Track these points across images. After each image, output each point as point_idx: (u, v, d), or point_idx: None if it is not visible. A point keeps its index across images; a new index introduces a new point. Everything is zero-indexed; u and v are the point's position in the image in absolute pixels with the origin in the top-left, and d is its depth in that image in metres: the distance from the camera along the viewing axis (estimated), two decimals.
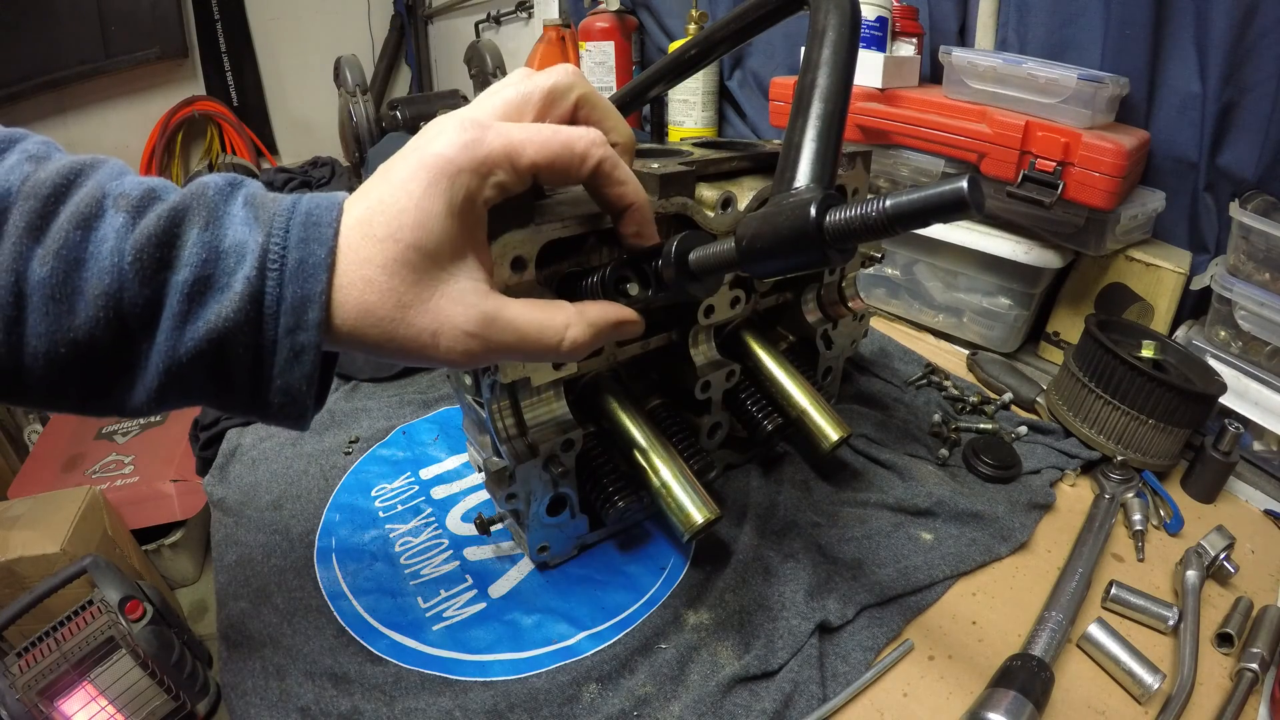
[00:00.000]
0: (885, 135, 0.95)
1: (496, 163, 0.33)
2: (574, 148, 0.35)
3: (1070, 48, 0.93)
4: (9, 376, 0.30)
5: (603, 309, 0.38)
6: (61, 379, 0.30)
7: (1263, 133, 0.80)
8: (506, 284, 0.45)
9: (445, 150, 0.32)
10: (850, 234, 0.29)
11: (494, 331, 0.34)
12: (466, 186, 0.33)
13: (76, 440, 2.16)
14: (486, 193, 0.34)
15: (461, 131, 0.33)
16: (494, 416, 0.53)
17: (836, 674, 0.52)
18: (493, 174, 0.34)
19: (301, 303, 0.31)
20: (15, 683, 1.27)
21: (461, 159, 0.33)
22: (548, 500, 0.55)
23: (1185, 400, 0.67)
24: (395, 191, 0.32)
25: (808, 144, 0.34)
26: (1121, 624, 0.56)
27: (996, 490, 0.69)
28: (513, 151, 0.34)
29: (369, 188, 0.33)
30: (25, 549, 1.54)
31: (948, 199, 0.26)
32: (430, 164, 0.32)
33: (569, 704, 0.49)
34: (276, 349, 0.31)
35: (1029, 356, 0.98)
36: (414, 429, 0.78)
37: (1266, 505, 0.72)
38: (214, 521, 0.70)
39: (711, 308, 0.59)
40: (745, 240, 0.33)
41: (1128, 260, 0.89)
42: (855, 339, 0.73)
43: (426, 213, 0.32)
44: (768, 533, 0.62)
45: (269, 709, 0.50)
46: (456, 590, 0.58)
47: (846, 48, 0.37)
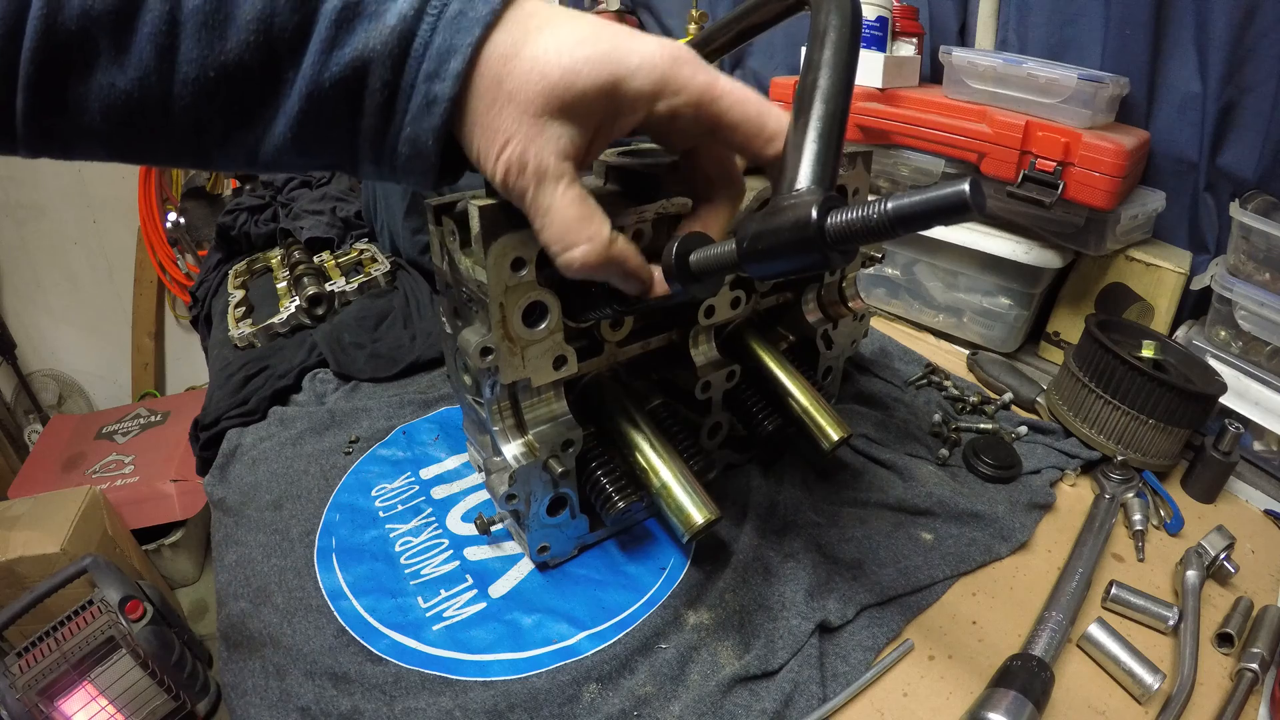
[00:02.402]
0: (885, 135, 0.95)
1: (684, 89, 0.34)
2: (765, 122, 0.36)
3: (1070, 48, 0.93)
4: (156, 106, 0.31)
5: (630, 250, 0.38)
6: (209, 106, 0.31)
7: (1263, 133, 0.80)
8: (506, 284, 0.45)
9: (647, 48, 0.34)
10: (851, 236, 0.29)
11: (539, 189, 0.34)
12: (638, 88, 0.34)
13: (76, 440, 2.16)
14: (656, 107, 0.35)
15: (675, 48, 0.34)
16: (494, 416, 0.53)
17: (836, 674, 0.52)
18: (673, 96, 0.34)
19: (447, 51, 0.31)
20: (15, 683, 1.27)
21: (660, 61, 0.34)
22: (548, 500, 0.55)
23: (1185, 400, 0.67)
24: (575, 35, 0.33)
25: (809, 145, 0.34)
26: (1122, 624, 0.56)
27: (996, 490, 0.69)
28: (709, 93, 0.35)
29: (552, 16, 0.34)
30: (25, 549, 1.54)
31: (949, 201, 0.26)
32: (622, 46, 0.33)
33: (569, 704, 0.49)
34: (413, 93, 0.32)
35: (1029, 356, 0.98)
36: (414, 429, 0.78)
37: (1266, 505, 0.72)
38: (214, 521, 0.70)
39: (712, 308, 0.59)
40: (746, 242, 0.33)
41: (1128, 260, 0.89)
42: (855, 339, 0.73)
43: (585, 75, 0.32)
44: (768, 533, 0.62)
45: (269, 709, 0.50)
46: (457, 590, 0.58)
47: (848, 49, 0.37)
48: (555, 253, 0.36)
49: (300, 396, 0.85)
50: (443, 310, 0.55)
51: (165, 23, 0.29)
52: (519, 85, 0.32)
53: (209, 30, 0.30)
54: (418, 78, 0.32)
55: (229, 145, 0.33)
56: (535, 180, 0.34)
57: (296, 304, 0.97)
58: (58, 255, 2.44)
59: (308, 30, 0.31)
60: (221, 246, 1.31)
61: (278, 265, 1.15)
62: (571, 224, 0.35)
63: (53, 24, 0.28)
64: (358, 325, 0.95)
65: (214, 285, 1.19)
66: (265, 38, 0.30)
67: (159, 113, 0.31)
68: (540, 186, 0.34)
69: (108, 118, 0.31)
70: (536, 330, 0.48)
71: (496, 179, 0.34)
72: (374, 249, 1.15)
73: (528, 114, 0.32)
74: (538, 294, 0.46)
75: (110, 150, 0.33)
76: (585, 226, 0.35)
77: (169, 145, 0.33)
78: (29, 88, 0.29)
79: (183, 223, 2.40)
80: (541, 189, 0.34)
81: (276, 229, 1.24)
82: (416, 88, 0.32)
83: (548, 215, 0.35)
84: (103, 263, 2.50)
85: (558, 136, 0.33)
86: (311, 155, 0.34)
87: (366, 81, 0.32)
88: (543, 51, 0.32)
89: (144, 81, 0.30)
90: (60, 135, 0.32)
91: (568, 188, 0.35)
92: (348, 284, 1.03)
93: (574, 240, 0.35)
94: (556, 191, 0.34)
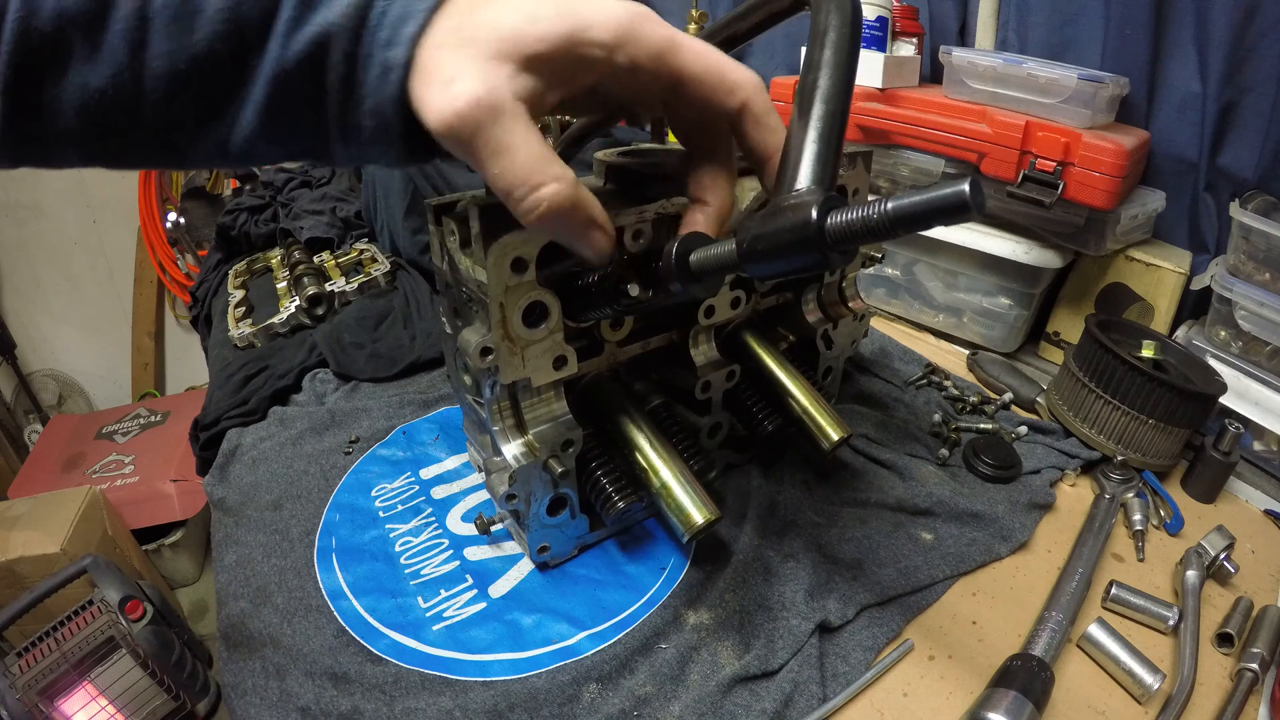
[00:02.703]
0: (885, 135, 0.95)
1: (644, 41, 0.34)
2: (725, 73, 0.36)
3: (1070, 48, 0.93)
4: (129, 102, 0.31)
5: (593, 201, 0.36)
6: (180, 99, 0.31)
7: (1263, 133, 0.80)
8: (506, 284, 0.45)
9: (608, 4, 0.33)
10: (851, 236, 0.29)
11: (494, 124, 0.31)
12: (597, 38, 0.33)
13: (76, 440, 2.16)
14: (616, 58, 0.33)
15: (635, 6, 0.34)
16: (494, 416, 0.53)
17: (836, 674, 0.52)
18: (633, 46, 0.33)
19: (402, 17, 0.31)
20: (15, 683, 1.27)
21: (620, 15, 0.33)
22: (548, 500, 0.55)
23: (1185, 400, 0.67)
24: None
25: (809, 145, 0.34)
26: (1122, 624, 0.56)
27: (996, 490, 0.69)
28: (669, 45, 0.34)
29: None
30: (25, 549, 1.54)
31: (949, 201, 0.26)
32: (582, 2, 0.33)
33: (569, 704, 0.49)
34: (369, 62, 0.32)
35: (1029, 356, 0.98)
36: (414, 429, 0.78)
37: (1266, 505, 0.72)
38: (214, 521, 0.70)
39: (712, 308, 0.59)
40: (746, 242, 0.33)
41: (1128, 260, 0.89)
42: (855, 339, 0.73)
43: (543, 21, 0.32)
44: (768, 533, 0.62)
45: (269, 709, 0.50)
46: (456, 590, 0.58)
47: (848, 49, 0.37)
48: (519, 195, 0.33)
49: (300, 396, 0.85)
50: (443, 310, 0.55)
51: (136, 18, 0.29)
52: (473, 34, 0.31)
53: (178, 23, 0.30)
54: (374, 46, 0.31)
55: (200, 139, 0.33)
56: (490, 115, 0.31)
57: (296, 304, 0.97)
58: (58, 255, 2.44)
59: (273, 13, 0.31)
60: (221, 246, 1.31)
61: (278, 265, 1.15)
62: (536, 160, 0.32)
63: (29, 27, 0.29)
64: (358, 325, 0.95)
65: (214, 285, 1.19)
66: (234, 26, 0.30)
67: (132, 109, 0.31)
68: (497, 122, 0.31)
69: (82, 118, 0.31)
70: (536, 330, 0.48)
71: (442, 117, 0.31)
72: (374, 249, 1.15)
73: (481, 55, 0.31)
74: (538, 294, 0.46)
75: (86, 153, 0.33)
76: (550, 164, 0.33)
77: (142, 143, 0.33)
78: (5, 92, 0.29)
79: (183, 223, 2.40)
80: (498, 125, 0.31)
81: (276, 229, 1.24)
82: (373, 57, 0.31)
83: (507, 153, 0.32)
84: (103, 263, 2.50)
85: (512, 77, 0.32)
86: (281, 142, 0.34)
87: (328, 57, 0.31)
88: (501, 6, 0.32)
89: (116, 79, 0.30)
90: (37, 140, 0.32)
91: (528, 126, 0.32)
92: (348, 284, 1.03)
93: (540, 180, 0.32)
94: (517, 128, 0.32)
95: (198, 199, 2.41)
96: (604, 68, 0.34)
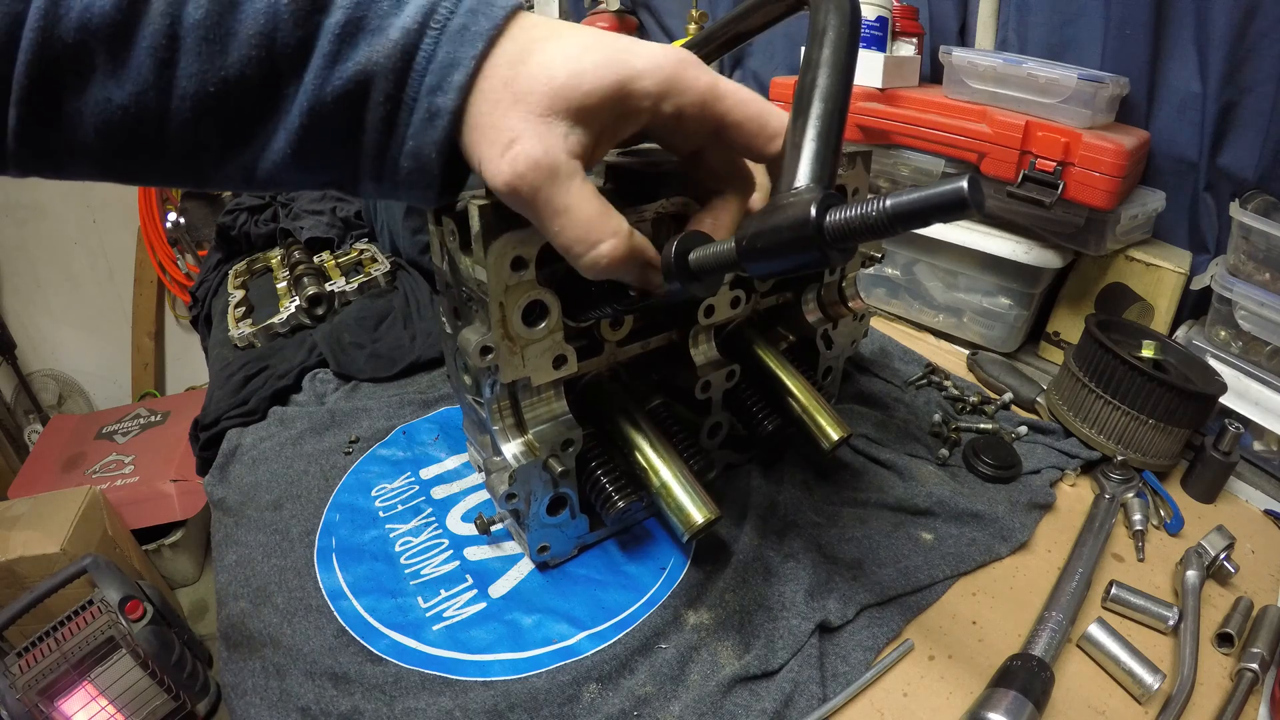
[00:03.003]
0: (885, 135, 0.95)
1: (689, 90, 0.34)
2: (767, 121, 0.36)
3: (1070, 48, 0.93)
4: (153, 122, 0.30)
5: (646, 241, 0.37)
6: (207, 123, 0.31)
7: (1263, 133, 0.80)
8: (506, 283, 0.45)
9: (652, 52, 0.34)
10: (850, 234, 0.29)
11: (553, 187, 0.33)
12: (645, 89, 0.33)
13: (76, 440, 2.16)
14: (662, 107, 0.34)
15: (679, 53, 0.34)
16: (494, 416, 0.53)
17: (836, 674, 0.52)
18: (679, 97, 0.34)
19: (450, 64, 0.31)
20: (15, 683, 1.27)
21: (665, 64, 0.34)
22: (548, 500, 0.55)
23: (1185, 400, 0.67)
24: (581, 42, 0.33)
25: (808, 144, 0.34)
26: (1122, 624, 0.56)
27: (996, 490, 0.69)
28: (712, 93, 0.35)
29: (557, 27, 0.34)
30: (25, 549, 1.54)
31: (948, 198, 0.26)
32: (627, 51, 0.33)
33: (569, 704, 0.49)
34: (416, 106, 0.32)
35: (1029, 356, 0.98)
36: (414, 429, 0.78)
37: (1266, 505, 0.72)
38: (214, 521, 0.70)
39: (712, 307, 0.58)
40: (745, 240, 0.33)
41: (1128, 260, 0.89)
42: (855, 339, 0.73)
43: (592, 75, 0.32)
44: (768, 533, 0.62)
45: (269, 709, 0.50)
46: (456, 590, 0.58)
47: (846, 47, 0.37)
48: (579, 253, 0.35)
49: (300, 396, 0.85)
50: (443, 310, 0.55)
51: (165, 36, 0.29)
52: (525, 88, 0.32)
53: (209, 45, 0.29)
54: (420, 91, 0.31)
55: (226, 164, 0.33)
56: (548, 177, 0.32)
57: (296, 304, 0.97)
58: (58, 255, 2.44)
59: (310, 45, 0.30)
60: (221, 246, 1.31)
61: (278, 265, 1.15)
62: (594, 220, 0.34)
63: (49, 36, 0.28)
64: (358, 325, 0.95)
65: (214, 285, 1.19)
66: (267, 53, 0.30)
67: (155, 129, 0.30)
68: (554, 184, 0.33)
69: (102, 134, 0.30)
70: (536, 329, 0.48)
71: (503, 178, 0.33)
72: (374, 249, 1.15)
73: (534, 113, 0.32)
74: (537, 293, 0.46)
75: (103, 168, 0.33)
76: (607, 222, 0.34)
77: (164, 163, 0.32)
78: (22, 101, 0.29)
79: (183, 223, 2.40)
80: (556, 186, 0.33)
81: (276, 229, 1.24)
82: (419, 101, 0.31)
83: (567, 214, 0.33)
84: (103, 263, 2.51)
85: (566, 134, 0.33)
86: (311, 172, 0.34)
87: (369, 96, 0.31)
88: (549, 58, 0.32)
89: (141, 96, 0.29)
90: (53, 152, 0.31)
91: (583, 184, 0.34)
92: (348, 284, 1.03)
93: (599, 237, 0.34)
94: (572, 188, 0.33)
95: (198, 199, 2.41)
96: (650, 116, 0.35)
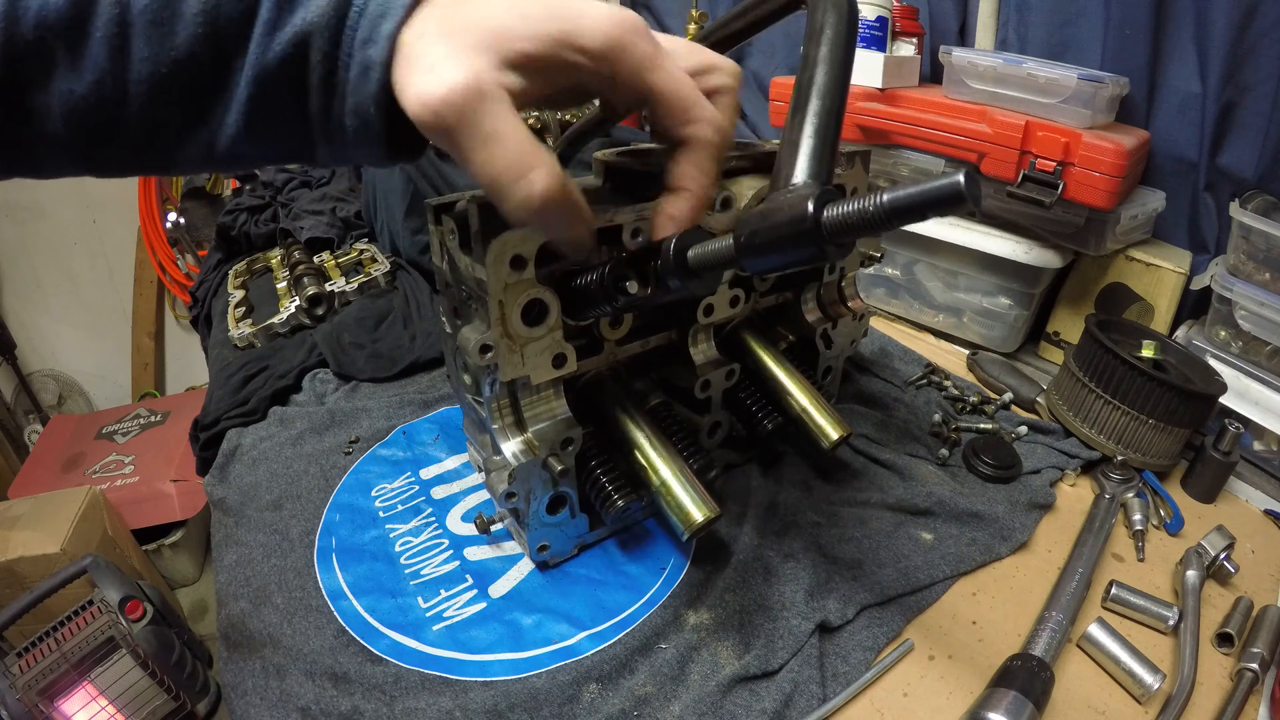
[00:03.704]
0: (885, 135, 0.95)
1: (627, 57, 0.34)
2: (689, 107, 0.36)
3: (1070, 48, 0.93)
4: (114, 108, 0.31)
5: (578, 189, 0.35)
6: (164, 103, 0.32)
7: (1263, 133, 0.80)
8: (505, 282, 0.45)
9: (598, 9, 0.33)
10: (848, 229, 0.29)
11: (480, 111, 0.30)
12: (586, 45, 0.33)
13: (76, 440, 2.16)
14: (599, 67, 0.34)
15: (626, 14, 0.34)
16: (494, 415, 0.53)
17: (836, 674, 0.52)
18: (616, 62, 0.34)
19: (381, 14, 0.31)
20: (15, 683, 1.27)
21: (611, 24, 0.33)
22: (547, 499, 0.55)
23: (1185, 400, 0.67)
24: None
25: (805, 140, 0.34)
26: (1122, 624, 0.56)
27: (996, 490, 0.69)
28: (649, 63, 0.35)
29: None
30: (25, 549, 1.54)
31: (945, 193, 0.26)
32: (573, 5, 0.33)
33: (569, 704, 0.49)
34: (350, 61, 0.31)
35: (1029, 356, 0.98)
36: (414, 429, 0.78)
37: (1266, 505, 0.72)
38: (214, 521, 0.70)
39: (711, 306, 0.58)
40: (743, 236, 0.33)
41: (1128, 260, 0.89)
42: (855, 339, 0.73)
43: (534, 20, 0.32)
44: (768, 532, 0.62)
45: (269, 709, 0.50)
46: (456, 590, 0.58)
47: (844, 45, 0.37)
48: (507, 182, 0.32)
49: (300, 396, 0.85)
50: (442, 309, 0.55)
51: (116, 24, 0.30)
52: (459, 25, 0.31)
53: (157, 27, 0.30)
54: (354, 45, 0.31)
55: (186, 144, 0.33)
56: (476, 100, 0.30)
57: (296, 304, 0.98)
58: (58, 255, 2.44)
59: (252, 16, 0.31)
60: (221, 246, 1.31)
61: (278, 265, 1.15)
62: (525, 146, 0.31)
63: (10, 36, 0.29)
64: (358, 325, 0.95)
65: (214, 285, 1.20)
66: (212, 29, 0.30)
67: (116, 115, 0.31)
68: (481, 107, 0.30)
69: (69, 124, 0.31)
70: (536, 328, 0.48)
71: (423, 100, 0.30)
72: (374, 249, 1.15)
73: (465, 46, 0.30)
74: (537, 292, 0.46)
75: (75, 159, 0.33)
76: (538, 150, 0.32)
77: (129, 150, 0.33)
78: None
79: (183, 223, 2.40)
80: (484, 110, 0.30)
81: (276, 229, 1.25)
82: (354, 56, 0.31)
83: (495, 140, 0.31)
84: (103, 263, 2.51)
85: (496, 67, 0.31)
86: (266, 144, 0.34)
87: (308, 57, 0.31)
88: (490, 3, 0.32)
89: (100, 85, 0.30)
90: (27, 148, 0.32)
91: (511, 112, 0.31)
92: (348, 284, 1.03)
93: (530, 163, 0.31)
94: (500, 114, 0.31)
95: (198, 199, 2.41)
96: (585, 73, 0.34)
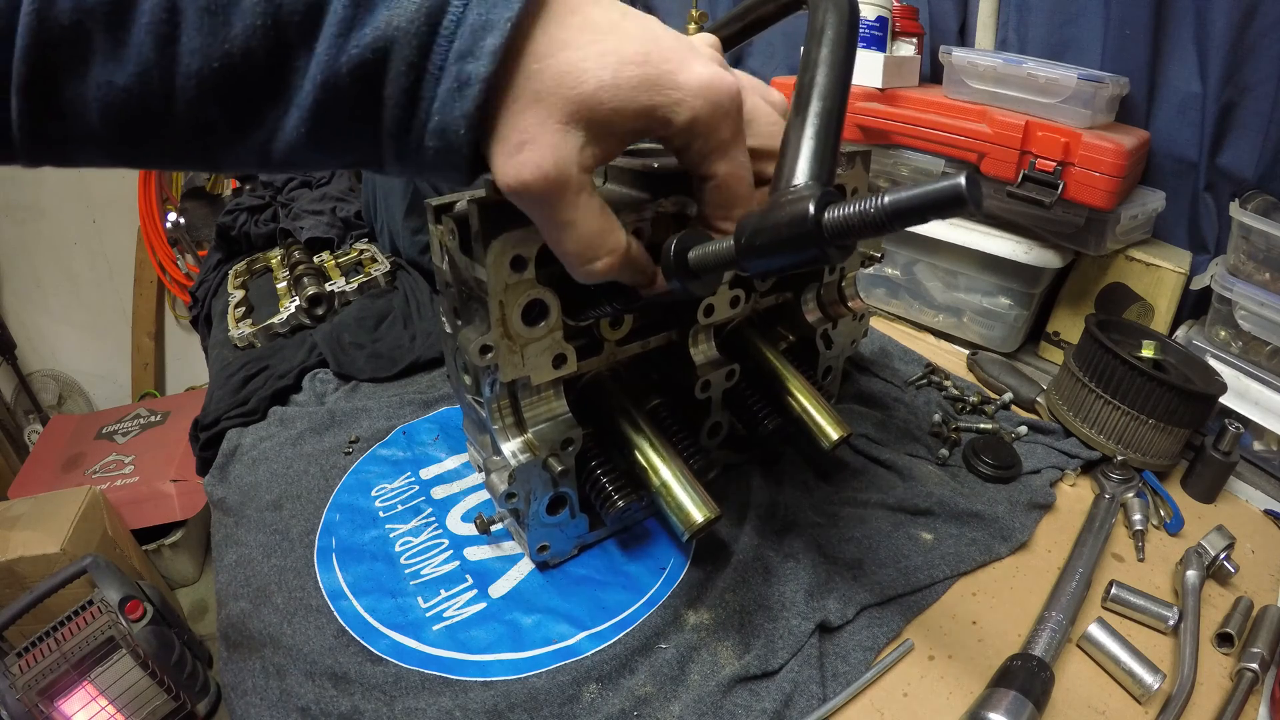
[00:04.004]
0: (885, 135, 0.95)
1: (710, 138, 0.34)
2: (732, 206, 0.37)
3: (1070, 48, 0.93)
4: (158, 103, 0.28)
5: (641, 250, 0.37)
6: (214, 101, 0.29)
7: (1263, 133, 0.80)
8: (506, 282, 0.45)
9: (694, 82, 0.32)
10: (849, 230, 0.29)
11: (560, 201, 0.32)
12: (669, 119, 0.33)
13: (76, 440, 2.16)
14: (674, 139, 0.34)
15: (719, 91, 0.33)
16: (494, 415, 0.53)
17: (836, 674, 0.52)
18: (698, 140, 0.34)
19: (483, 27, 0.28)
20: (15, 683, 1.27)
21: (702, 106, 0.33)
22: (547, 499, 0.55)
23: (1185, 400, 0.67)
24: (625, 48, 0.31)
25: (806, 142, 0.34)
26: (1121, 624, 0.56)
27: (996, 490, 0.69)
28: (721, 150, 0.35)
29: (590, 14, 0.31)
30: (25, 549, 1.54)
31: (946, 195, 0.26)
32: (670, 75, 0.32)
33: (569, 704, 0.49)
34: (443, 75, 0.28)
35: (1029, 356, 0.98)
36: (414, 429, 0.78)
37: (1266, 505, 0.72)
38: (214, 521, 0.70)
39: (711, 307, 0.58)
40: (744, 238, 0.33)
41: (1128, 260, 0.89)
42: (855, 339, 0.73)
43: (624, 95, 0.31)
44: (768, 533, 0.62)
45: (269, 709, 0.50)
46: (456, 590, 0.58)
47: (845, 46, 0.37)
48: (575, 263, 0.35)
49: (300, 396, 0.85)
50: (442, 310, 0.55)
51: (164, 10, 0.27)
52: (549, 87, 0.30)
53: (211, 16, 0.27)
54: (448, 58, 0.28)
55: (237, 145, 0.31)
56: (558, 190, 0.32)
57: (296, 304, 0.98)
58: (58, 255, 2.44)
59: (320, 12, 0.28)
60: (221, 246, 1.31)
61: (278, 265, 1.15)
62: (595, 237, 0.34)
63: (45, 20, 0.26)
64: (358, 325, 0.95)
65: (214, 285, 1.20)
66: (273, 21, 0.27)
67: (161, 111, 0.29)
68: (562, 197, 0.32)
69: (107, 119, 0.29)
70: (536, 328, 0.48)
71: (509, 181, 0.31)
72: (374, 249, 1.15)
73: (553, 119, 0.30)
74: (537, 292, 0.46)
75: (111, 155, 0.31)
76: (607, 238, 0.35)
77: (173, 147, 0.31)
78: (23, 90, 0.28)
79: (183, 223, 2.40)
80: (564, 200, 0.32)
81: (276, 229, 1.25)
82: (446, 69, 0.28)
83: (570, 228, 0.33)
84: (103, 263, 2.51)
85: (582, 147, 0.31)
86: (330, 153, 0.32)
87: (388, 64, 0.28)
88: (582, 57, 0.30)
89: (143, 77, 0.28)
90: (60, 141, 0.30)
91: (589, 199, 0.33)
92: (348, 284, 1.03)
93: (597, 253, 0.35)
94: (579, 204, 0.33)
95: (198, 199, 2.41)
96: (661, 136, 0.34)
